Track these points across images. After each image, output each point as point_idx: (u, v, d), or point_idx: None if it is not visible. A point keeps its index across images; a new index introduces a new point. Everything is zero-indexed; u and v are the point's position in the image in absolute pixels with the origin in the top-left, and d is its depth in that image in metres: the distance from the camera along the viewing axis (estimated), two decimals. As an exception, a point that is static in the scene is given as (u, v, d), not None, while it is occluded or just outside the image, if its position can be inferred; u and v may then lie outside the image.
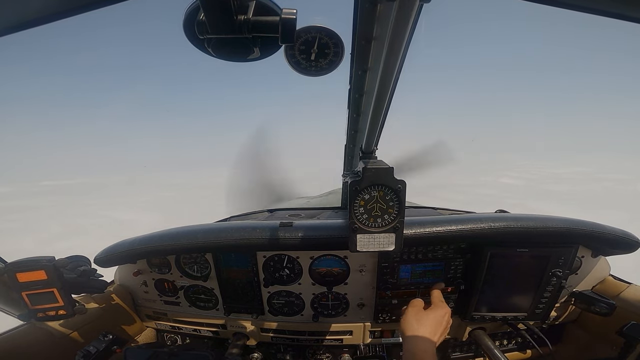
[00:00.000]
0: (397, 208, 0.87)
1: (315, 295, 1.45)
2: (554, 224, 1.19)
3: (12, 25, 0.60)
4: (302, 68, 0.78)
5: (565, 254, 1.24)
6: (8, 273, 1.12)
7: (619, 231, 1.26)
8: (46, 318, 1.20)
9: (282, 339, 1.57)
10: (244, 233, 1.23)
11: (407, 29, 0.58)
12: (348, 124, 1.40)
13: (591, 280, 1.47)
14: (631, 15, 0.51)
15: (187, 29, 0.55)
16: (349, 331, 1.52)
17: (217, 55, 0.58)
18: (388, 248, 0.90)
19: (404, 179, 0.85)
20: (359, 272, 1.37)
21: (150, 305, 1.64)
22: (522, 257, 1.26)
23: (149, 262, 1.51)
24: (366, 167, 0.86)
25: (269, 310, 1.51)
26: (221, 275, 1.45)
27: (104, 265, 1.43)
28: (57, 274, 1.15)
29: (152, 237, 1.35)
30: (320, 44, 0.74)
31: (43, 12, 0.58)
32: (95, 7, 0.60)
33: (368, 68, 0.95)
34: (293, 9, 0.53)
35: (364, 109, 1.19)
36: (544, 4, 0.58)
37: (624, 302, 1.34)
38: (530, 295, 1.33)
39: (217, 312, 1.56)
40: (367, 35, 0.83)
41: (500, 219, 1.20)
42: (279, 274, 1.43)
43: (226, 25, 0.51)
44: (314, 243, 1.21)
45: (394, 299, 1.39)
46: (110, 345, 1.28)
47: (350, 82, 1.07)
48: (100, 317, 1.44)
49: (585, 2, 0.54)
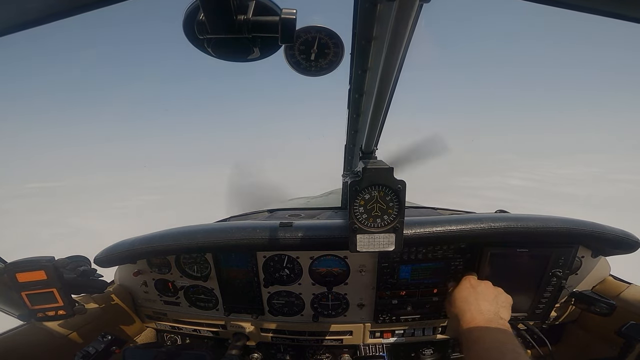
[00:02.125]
0: (397, 208, 0.87)
1: (315, 295, 1.45)
2: (554, 224, 1.19)
3: (12, 25, 0.60)
4: (302, 68, 0.78)
5: (566, 254, 1.24)
6: (8, 273, 1.12)
7: (619, 231, 1.26)
8: (46, 318, 1.20)
9: (282, 339, 1.57)
10: (244, 233, 1.23)
11: (407, 29, 0.58)
12: (348, 124, 1.39)
13: (591, 281, 1.47)
14: (631, 15, 0.51)
15: (187, 29, 0.55)
16: (349, 331, 1.51)
17: (217, 55, 0.58)
18: (388, 248, 0.90)
19: (403, 180, 0.85)
20: (359, 272, 1.37)
21: (150, 306, 1.64)
22: (522, 257, 1.25)
23: (149, 262, 1.51)
24: (366, 167, 0.85)
25: (269, 310, 1.51)
26: (221, 276, 1.45)
27: (104, 266, 1.43)
28: (57, 274, 1.15)
29: (152, 237, 1.35)
30: (320, 44, 0.74)
31: (43, 12, 0.58)
32: (95, 7, 0.60)
33: (368, 68, 0.95)
34: (293, 9, 0.53)
35: (364, 109, 1.19)
36: (544, 4, 0.58)
37: (624, 302, 1.34)
38: (530, 295, 1.33)
39: (217, 312, 1.56)
40: (367, 35, 0.83)
41: (500, 219, 1.20)
42: (279, 274, 1.42)
43: (226, 25, 0.51)
44: (314, 243, 1.21)
45: (394, 299, 1.39)
46: (109, 346, 1.28)
47: (350, 82, 1.07)
48: (100, 318, 1.44)
49: (585, 2, 0.54)
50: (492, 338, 0.90)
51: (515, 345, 0.85)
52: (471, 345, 0.91)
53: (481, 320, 0.96)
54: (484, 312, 0.99)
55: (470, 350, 0.89)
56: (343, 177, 2.15)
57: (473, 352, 0.88)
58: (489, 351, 0.85)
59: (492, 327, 0.93)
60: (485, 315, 0.98)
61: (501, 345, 0.86)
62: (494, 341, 0.89)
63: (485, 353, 0.85)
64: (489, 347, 0.87)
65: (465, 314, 1.01)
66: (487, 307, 1.01)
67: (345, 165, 1.94)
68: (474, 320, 0.97)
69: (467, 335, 0.94)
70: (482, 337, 0.91)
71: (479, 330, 0.93)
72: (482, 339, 0.91)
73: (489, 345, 0.88)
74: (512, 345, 0.85)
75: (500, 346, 0.86)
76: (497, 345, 0.86)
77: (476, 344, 0.90)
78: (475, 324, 0.96)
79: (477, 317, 0.97)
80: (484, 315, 0.98)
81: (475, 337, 0.92)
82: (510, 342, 0.87)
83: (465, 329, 0.96)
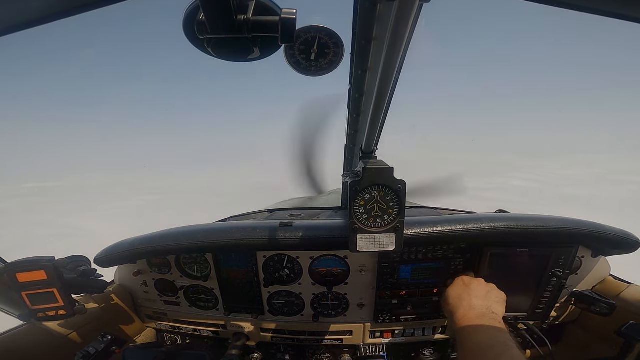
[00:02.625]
0: (397, 208, 0.87)
1: (315, 295, 1.45)
2: (554, 224, 1.19)
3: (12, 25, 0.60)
4: (302, 68, 0.78)
5: (566, 254, 1.24)
6: (8, 273, 1.12)
7: (619, 231, 1.26)
8: (46, 318, 1.20)
9: (282, 339, 1.57)
10: (244, 233, 1.23)
11: (407, 29, 0.58)
12: (348, 124, 1.39)
13: (591, 280, 1.47)
14: (631, 15, 0.51)
15: (187, 29, 0.55)
16: (349, 331, 1.52)
17: (217, 55, 0.58)
18: (388, 248, 0.90)
19: (403, 180, 0.85)
20: (359, 272, 1.37)
21: (150, 306, 1.64)
22: (522, 257, 1.25)
23: (149, 262, 1.51)
24: (366, 167, 0.85)
25: (269, 310, 1.51)
26: (221, 276, 1.45)
27: (104, 265, 1.43)
28: (57, 274, 1.15)
29: (152, 237, 1.35)
30: (320, 43, 0.74)
31: (43, 12, 0.58)
32: (95, 7, 0.60)
33: (368, 68, 0.95)
34: (293, 9, 0.53)
35: (364, 109, 1.19)
36: (544, 4, 0.58)
37: (624, 302, 1.34)
38: (530, 295, 1.32)
39: (217, 312, 1.56)
40: (367, 35, 0.83)
41: (500, 219, 1.20)
42: (279, 274, 1.42)
43: (226, 25, 0.51)
44: (314, 243, 1.21)
45: (394, 299, 1.39)
46: (109, 346, 1.28)
47: (350, 82, 1.07)
48: (100, 317, 1.44)
49: (585, 2, 0.54)
50: (484, 332, 0.91)
51: (506, 338, 0.86)
52: (464, 340, 0.92)
53: (473, 316, 0.97)
54: (476, 308, 1.00)
55: (463, 345, 0.91)
56: (343, 177, 2.15)
57: (465, 347, 0.89)
58: (480, 344, 0.86)
59: (484, 322, 0.94)
60: (477, 311, 0.99)
61: (492, 339, 0.87)
62: (485, 334, 0.90)
63: (477, 346, 0.86)
64: (481, 340, 0.88)
65: (458, 310, 1.02)
66: (478, 303, 1.02)
67: (345, 165, 1.94)
68: (466, 316, 0.99)
69: (460, 331, 0.96)
70: (473, 331, 0.93)
71: (471, 326, 0.95)
72: (474, 333, 0.92)
73: (480, 338, 0.89)
74: (503, 338, 0.86)
75: (491, 339, 0.87)
76: (488, 339, 0.88)
77: (468, 339, 0.91)
78: (468, 319, 0.97)
79: (469, 313, 0.99)
80: (476, 311, 0.99)
81: (467, 332, 0.94)
82: (501, 336, 0.88)
83: (458, 326, 0.98)
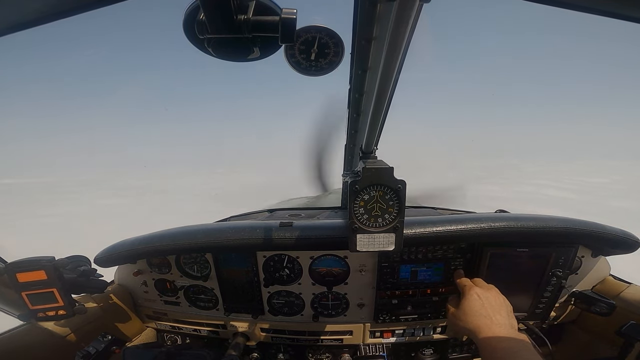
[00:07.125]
0: (397, 208, 0.87)
1: (315, 295, 1.45)
2: (554, 223, 1.19)
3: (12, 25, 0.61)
4: (302, 68, 0.78)
5: (565, 254, 1.24)
6: (8, 273, 1.12)
7: (618, 231, 1.27)
8: (46, 318, 1.20)
9: (282, 339, 1.57)
10: (244, 233, 1.23)
11: (407, 29, 0.58)
12: (348, 124, 1.40)
13: (591, 280, 1.47)
14: (631, 15, 0.51)
15: (187, 29, 0.55)
16: (349, 331, 1.52)
17: (217, 55, 0.58)
18: (388, 248, 0.90)
19: (403, 179, 0.85)
20: (359, 272, 1.37)
21: (150, 305, 1.64)
22: (522, 257, 1.25)
23: (149, 262, 1.51)
24: (366, 167, 0.85)
25: (269, 310, 1.51)
26: (221, 275, 1.45)
27: (104, 265, 1.43)
28: (57, 274, 1.15)
29: (152, 237, 1.35)
30: (320, 43, 0.74)
31: (43, 12, 0.58)
32: (95, 7, 0.60)
33: (368, 68, 0.95)
34: (293, 9, 0.53)
35: (364, 109, 1.19)
36: (544, 4, 0.58)
37: (624, 302, 1.34)
38: (530, 295, 1.33)
39: (217, 312, 1.56)
40: (367, 35, 0.83)
41: (500, 219, 1.20)
42: (279, 274, 1.42)
43: (226, 25, 0.51)
44: (314, 243, 1.21)
45: (394, 299, 1.39)
46: (109, 346, 1.28)
47: (350, 82, 1.07)
48: (100, 317, 1.44)
49: (585, 2, 0.54)
50: (509, 341, 0.93)
51: (532, 353, 0.89)
52: (494, 349, 0.93)
53: (497, 331, 0.98)
54: (502, 325, 1.01)
55: (494, 354, 0.92)
56: (343, 177, 2.15)
57: (496, 356, 0.91)
58: (511, 349, 0.90)
59: (510, 335, 0.96)
60: (503, 329, 1.00)
61: (522, 345, 0.90)
62: (510, 342, 0.93)
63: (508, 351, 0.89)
64: (509, 346, 0.91)
65: (482, 329, 1.01)
66: (501, 321, 1.03)
67: (345, 165, 1.94)
68: (491, 330, 0.99)
69: (491, 353, 0.94)
70: (498, 341, 0.94)
71: (496, 337, 0.96)
72: (500, 342, 0.94)
73: (508, 345, 0.92)
74: (529, 346, 0.91)
75: (519, 345, 0.90)
76: (516, 345, 0.91)
77: (498, 346, 0.93)
78: (492, 333, 0.98)
79: (496, 330, 0.99)
80: (501, 328, 1.00)
81: (495, 342, 0.95)
82: (529, 344, 0.92)
83: (488, 345, 0.96)
